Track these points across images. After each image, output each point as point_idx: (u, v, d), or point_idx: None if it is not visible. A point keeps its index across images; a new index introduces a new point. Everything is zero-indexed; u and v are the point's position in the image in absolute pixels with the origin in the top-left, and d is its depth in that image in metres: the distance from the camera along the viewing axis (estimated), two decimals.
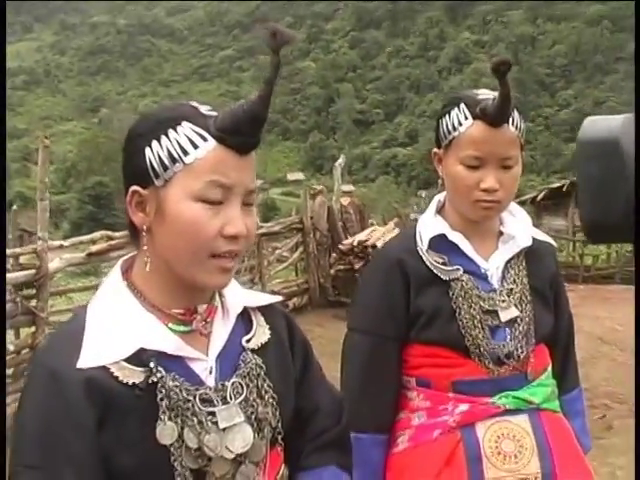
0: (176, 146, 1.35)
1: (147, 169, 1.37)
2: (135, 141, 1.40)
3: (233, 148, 1.36)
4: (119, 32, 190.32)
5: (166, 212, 1.36)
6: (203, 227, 1.36)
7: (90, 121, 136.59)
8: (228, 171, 1.36)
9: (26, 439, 1.34)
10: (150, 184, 1.37)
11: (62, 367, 1.34)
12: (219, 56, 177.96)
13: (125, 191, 1.41)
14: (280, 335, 1.62)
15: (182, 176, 1.35)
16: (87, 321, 1.41)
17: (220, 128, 1.36)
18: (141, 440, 1.36)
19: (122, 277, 1.48)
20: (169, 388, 1.38)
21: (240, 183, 1.38)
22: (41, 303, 7.14)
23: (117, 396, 1.36)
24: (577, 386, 2.42)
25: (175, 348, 1.42)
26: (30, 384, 1.38)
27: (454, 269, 2.13)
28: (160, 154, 1.36)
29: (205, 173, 1.35)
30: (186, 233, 1.36)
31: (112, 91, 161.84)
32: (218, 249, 1.38)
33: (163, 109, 1.44)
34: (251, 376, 1.49)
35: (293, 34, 1.38)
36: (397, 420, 2.22)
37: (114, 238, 8.41)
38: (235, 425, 1.43)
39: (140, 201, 1.39)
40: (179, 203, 1.36)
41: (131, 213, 1.41)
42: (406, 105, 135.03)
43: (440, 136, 2.15)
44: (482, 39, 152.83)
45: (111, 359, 1.36)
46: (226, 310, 1.54)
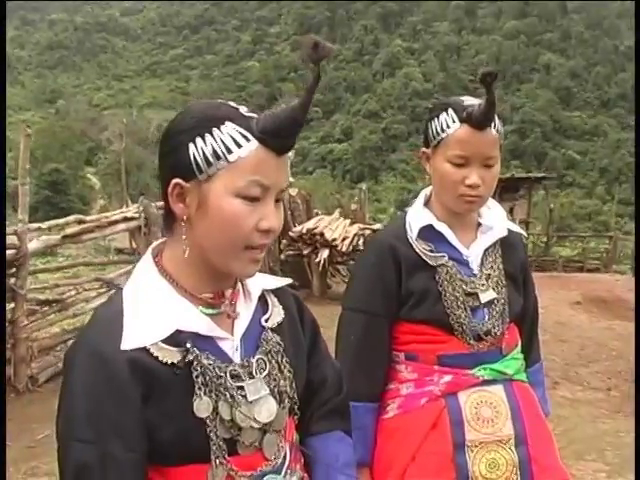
0: (220, 144, 1.35)
1: (190, 164, 1.37)
2: (177, 136, 1.40)
3: (273, 149, 1.37)
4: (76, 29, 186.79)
5: (208, 205, 1.37)
6: (242, 221, 1.37)
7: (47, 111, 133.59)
8: (267, 171, 1.37)
9: (77, 415, 1.35)
10: (192, 178, 1.37)
11: (107, 349, 1.35)
12: (170, 54, 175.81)
13: (163, 182, 1.42)
14: (292, 314, 1.66)
15: (225, 173, 1.36)
16: (124, 305, 1.42)
17: (262, 130, 1.36)
18: (180, 414, 1.39)
19: (154, 262, 1.49)
20: (204, 366, 1.41)
21: (277, 182, 1.40)
22: (20, 281, 7.07)
23: (158, 374, 1.38)
24: (539, 360, 2.52)
25: (207, 329, 1.44)
26: (76, 364, 1.37)
27: (440, 256, 2.21)
28: (204, 151, 1.36)
29: (247, 172, 1.36)
30: (226, 226, 1.37)
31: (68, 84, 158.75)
32: (253, 242, 1.40)
33: (205, 107, 1.42)
34: (272, 353, 1.53)
35: (332, 47, 1.36)
36: (387, 390, 2.29)
37: (86, 222, 8.35)
38: (261, 398, 1.47)
39: (181, 193, 1.39)
40: (221, 198, 1.36)
41: (172, 204, 1.41)
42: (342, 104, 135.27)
43: (429, 137, 2.21)
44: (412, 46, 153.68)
45: (150, 340, 1.38)
46: (247, 293, 1.56)
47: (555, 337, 9.13)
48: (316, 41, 1.34)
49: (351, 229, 13.02)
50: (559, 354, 8.65)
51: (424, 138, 2.26)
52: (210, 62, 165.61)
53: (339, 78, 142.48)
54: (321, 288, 12.74)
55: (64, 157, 74.20)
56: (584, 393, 7.50)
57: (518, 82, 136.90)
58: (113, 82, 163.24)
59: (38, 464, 5.64)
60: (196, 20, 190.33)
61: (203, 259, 1.43)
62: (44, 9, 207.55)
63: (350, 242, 12.42)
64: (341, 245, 12.22)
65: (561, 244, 33.59)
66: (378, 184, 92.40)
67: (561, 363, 8.37)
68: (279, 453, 1.52)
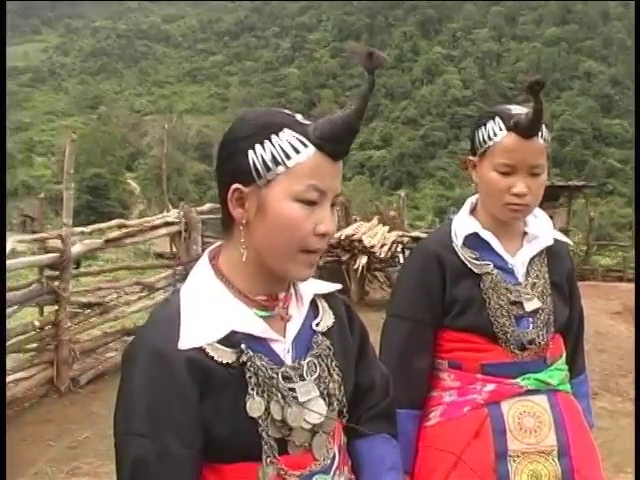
0: (279, 151, 1.39)
1: (250, 169, 1.41)
2: (237, 143, 1.43)
3: (329, 154, 1.41)
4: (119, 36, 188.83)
5: (267, 209, 1.41)
6: (300, 225, 1.40)
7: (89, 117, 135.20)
8: (324, 176, 1.41)
9: (135, 410, 1.38)
10: (251, 183, 1.41)
11: (165, 347, 1.39)
12: (209, 61, 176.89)
13: (222, 187, 1.46)
14: (342, 319, 1.67)
15: (284, 178, 1.40)
16: (182, 306, 1.46)
17: (319, 136, 1.39)
18: (233, 412, 1.42)
19: (210, 265, 1.53)
20: (257, 367, 1.44)
21: (333, 187, 1.44)
22: (64, 284, 7.15)
23: (213, 374, 1.41)
24: (584, 371, 2.51)
25: (261, 331, 1.47)
26: (136, 362, 1.41)
27: (485, 264, 2.21)
28: (264, 157, 1.40)
29: (305, 176, 1.39)
30: (284, 230, 1.40)
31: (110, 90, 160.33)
32: (310, 246, 1.43)
33: (262, 115, 1.47)
34: (322, 356, 1.55)
35: (386, 56, 1.39)
36: (430, 398, 2.29)
37: (128, 226, 8.45)
38: (311, 399, 1.49)
39: (240, 197, 1.43)
40: (280, 202, 1.40)
41: (231, 208, 1.45)
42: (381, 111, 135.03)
43: (476, 145, 2.21)
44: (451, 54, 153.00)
45: (207, 341, 1.42)
46: (299, 297, 1.59)
47: (594, 347, 9.02)
48: (371, 51, 1.36)
49: (389, 236, 12.99)
50: (598, 364, 8.55)
51: (470, 146, 2.26)
52: (249, 68, 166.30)
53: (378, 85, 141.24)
54: (359, 294, 12.73)
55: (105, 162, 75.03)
56: (624, 404, 7.39)
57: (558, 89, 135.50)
58: (154, 88, 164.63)
59: (79, 464, 5.70)
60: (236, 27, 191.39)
61: (259, 262, 1.46)
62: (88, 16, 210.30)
63: (388, 249, 12.40)
64: (379, 252, 12.19)
65: (601, 253, 33.21)
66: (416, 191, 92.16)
67: (600, 373, 8.27)
68: (328, 454, 1.54)
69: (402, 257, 12.93)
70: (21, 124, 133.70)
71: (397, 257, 12.89)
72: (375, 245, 12.21)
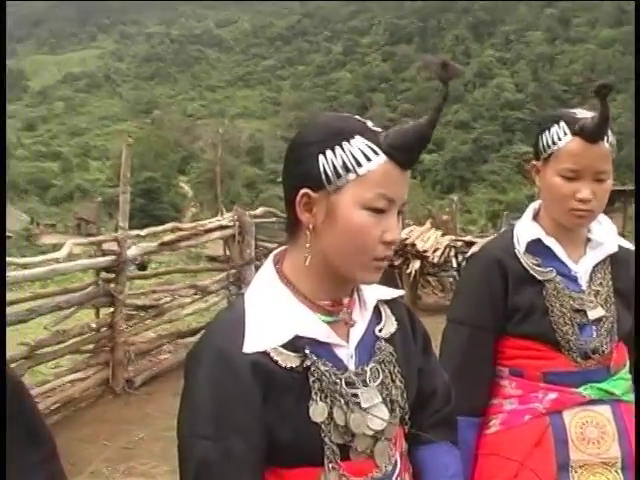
0: (350, 157, 1.38)
1: (320, 175, 1.40)
2: (307, 148, 1.42)
3: (399, 163, 1.39)
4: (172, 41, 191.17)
5: (336, 216, 1.40)
6: (368, 233, 1.39)
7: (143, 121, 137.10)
8: (393, 184, 1.40)
9: (200, 412, 1.39)
10: (321, 188, 1.40)
11: (230, 351, 1.39)
12: (262, 65, 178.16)
13: (290, 191, 1.45)
14: (404, 325, 1.66)
15: (354, 185, 1.39)
16: (246, 309, 1.46)
17: (391, 145, 1.38)
18: (296, 417, 1.41)
19: (275, 269, 1.52)
20: (321, 372, 1.43)
21: (401, 196, 1.43)
22: (120, 286, 7.24)
23: (277, 378, 1.40)
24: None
25: (325, 336, 1.46)
26: (201, 364, 1.42)
27: (548, 271, 2.16)
28: (334, 163, 1.39)
29: (375, 185, 1.38)
30: (353, 236, 1.40)
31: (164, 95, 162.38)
32: (377, 253, 1.42)
33: (334, 120, 1.46)
34: (385, 362, 1.53)
35: (461, 68, 1.39)
36: (490, 405, 2.25)
37: (183, 230, 8.53)
38: (374, 406, 1.48)
39: (308, 202, 1.42)
40: (349, 209, 1.39)
41: (299, 212, 1.43)
42: None
43: (539, 149, 2.16)
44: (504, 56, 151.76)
45: (271, 345, 1.41)
46: (363, 303, 1.58)
47: None
48: (445, 61, 1.35)
49: (443, 240, 12.91)
50: None
51: (534, 150, 2.21)
52: (301, 72, 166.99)
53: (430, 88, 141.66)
54: (412, 299, 12.66)
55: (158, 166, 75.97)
56: None
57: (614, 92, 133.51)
58: (206, 92, 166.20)
59: (134, 465, 5.75)
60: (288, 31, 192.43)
61: (324, 267, 1.46)
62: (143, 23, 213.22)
63: (441, 253, 12.32)
64: (432, 256, 12.13)
65: None
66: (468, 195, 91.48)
67: None
68: (390, 461, 1.53)
69: (455, 262, 12.84)
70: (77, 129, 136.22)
71: (450, 262, 12.80)
72: (428, 249, 12.15)
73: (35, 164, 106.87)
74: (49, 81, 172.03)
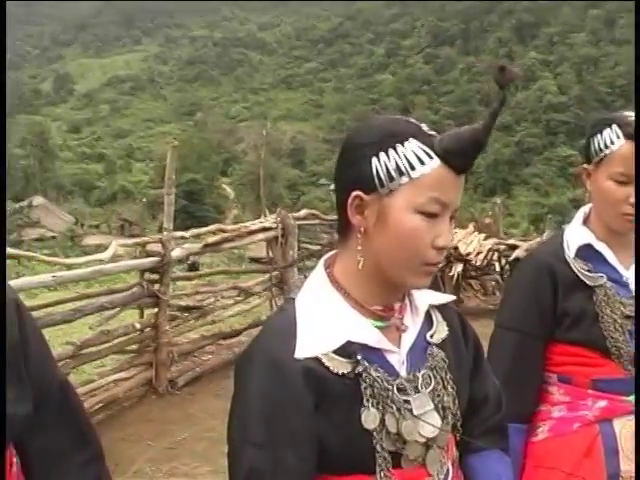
0: (404, 160, 1.37)
1: (372, 177, 1.38)
2: (360, 149, 1.41)
3: (453, 168, 1.38)
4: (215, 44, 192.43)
5: (388, 219, 1.38)
6: (420, 237, 1.38)
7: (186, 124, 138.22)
8: (447, 189, 1.38)
9: (251, 418, 1.38)
10: (373, 191, 1.39)
11: (282, 356, 1.38)
12: (304, 67, 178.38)
13: (341, 193, 1.44)
14: (456, 331, 1.64)
15: (407, 188, 1.37)
16: (298, 314, 1.44)
17: (445, 149, 1.37)
18: (348, 424, 1.40)
19: (326, 273, 1.51)
20: (373, 378, 1.41)
21: (454, 200, 1.41)
22: (164, 287, 7.28)
23: (329, 384, 1.39)
24: None
25: (377, 341, 1.45)
26: (252, 370, 1.41)
27: (599, 276, 2.13)
28: (388, 165, 1.37)
29: (428, 189, 1.37)
30: (405, 240, 1.38)
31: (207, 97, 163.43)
32: (428, 258, 1.40)
33: (388, 122, 1.44)
34: (437, 368, 1.51)
35: (519, 71, 1.37)
36: (538, 412, 2.22)
37: (227, 231, 8.57)
38: (426, 412, 1.46)
39: (360, 205, 1.41)
40: (402, 213, 1.37)
41: (350, 215, 1.42)
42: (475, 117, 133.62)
43: (591, 153, 2.13)
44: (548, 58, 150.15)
45: (323, 350, 1.40)
46: (414, 308, 1.56)
47: None
48: (503, 65, 1.34)
49: (486, 243, 12.81)
50: None
51: (585, 154, 2.18)
52: (344, 75, 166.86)
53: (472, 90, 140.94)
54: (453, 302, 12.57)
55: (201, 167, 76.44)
56: None
57: None
58: (249, 95, 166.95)
59: (177, 465, 5.78)
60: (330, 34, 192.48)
61: (376, 271, 1.44)
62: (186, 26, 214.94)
63: (484, 257, 12.24)
64: (475, 259, 12.05)
65: None
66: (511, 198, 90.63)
67: None
68: (442, 469, 1.51)
69: (498, 265, 12.74)
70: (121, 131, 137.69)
71: (493, 265, 12.70)
72: (471, 253, 12.06)
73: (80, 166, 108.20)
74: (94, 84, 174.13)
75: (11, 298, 1.39)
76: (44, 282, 6.11)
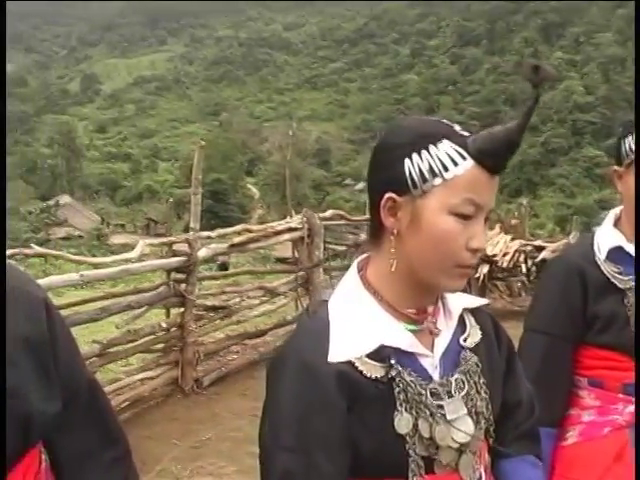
0: (437, 161, 1.36)
1: (405, 179, 1.37)
2: (393, 151, 1.40)
3: (487, 168, 1.36)
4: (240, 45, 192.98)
5: (421, 221, 1.37)
6: (454, 239, 1.36)
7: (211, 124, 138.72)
8: (481, 190, 1.37)
9: (284, 422, 1.37)
10: (406, 193, 1.38)
11: (315, 360, 1.37)
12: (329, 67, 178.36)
13: (374, 195, 1.43)
14: (489, 335, 1.62)
15: (440, 190, 1.36)
16: (330, 318, 1.43)
17: (479, 149, 1.35)
18: (380, 428, 1.38)
19: (359, 276, 1.50)
20: (406, 382, 1.40)
21: (488, 202, 1.39)
22: (190, 287, 7.29)
23: (362, 388, 1.38)
24: None
25: (410, 345, 1.43)
26: (284, 374, 1.40)
27: (630, 279, 2.09)
28: (421, 167, 1.36)
29: (462, 190, 1.35)
30: (438, 242, 1.37)
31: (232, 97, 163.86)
32: (462, 260, 1.38)
33: (420, 123, 1.43)
34: (470, 373, 1.50)
35: (553, 71, 1.37)
36: (568, 416, 2.19)
37: (253, 231, 8.58)
38: (459, 417, 1.44)
39: (393, 207, 1.40)
40: (435, 214, 1.36)
41: (383, 217, 1.41)
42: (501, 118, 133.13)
43: (621, 155, 2.10)
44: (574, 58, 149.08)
45: (356, 354, 1.38)
46: (448, 311, 1.54)
47: None
48: (537, 64, 1.34)
49: (512, 245, 12.72)
50: None
51: (615, 155, 2.15)
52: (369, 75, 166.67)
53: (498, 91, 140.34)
54: None
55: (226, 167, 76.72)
56: None
57: None
58: (274, 95, 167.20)
59: (202, 464, 5.79)
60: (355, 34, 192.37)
61: (409, 274, 1.43)
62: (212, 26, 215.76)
63: (511, 258, 12.16)
64: (501, 261, 11.98)
65: None
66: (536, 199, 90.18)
67: None
68: (474, 475, 1.49)
69: (524, 266, 12.65)
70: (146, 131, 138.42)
71: (519, 266, 12.62)
72: (497, 254, 12.00)
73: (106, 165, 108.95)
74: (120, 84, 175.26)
75: (40, 297, 1.39)
76: (71, 281, 6.15)
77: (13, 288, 1.31)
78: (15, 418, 1.21)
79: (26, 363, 1.27)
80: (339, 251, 11.58)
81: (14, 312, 1.28)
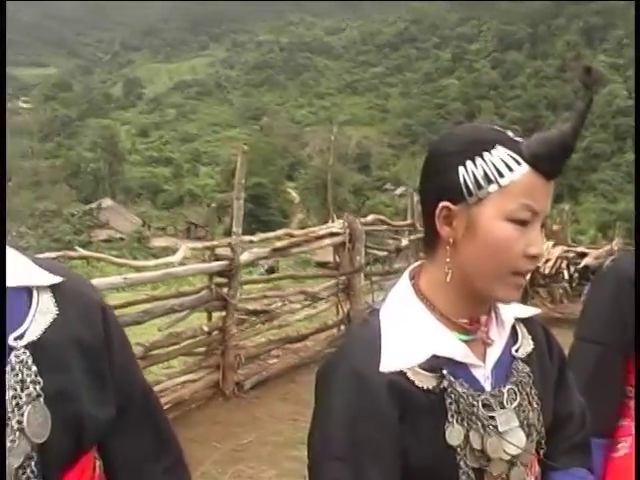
0: (492, 168, 1.35)
1: (460, 186, 1.36)
2: (446, 158, 1.39)
3: (543, 173, 1.35)
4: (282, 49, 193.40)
5: (477, 229, 1.36)
6: (511, 246, 1.35)
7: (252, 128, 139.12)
8: (537, 195, 1.35)
9: (333, 432, 1.36)
10: (461, 201, 1.37)
11: (366, 369, 1.36)
12: (370, 72, 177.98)
13: (428, 203, 1.42)
14: (541, 345, 1.60)
15: (496, 196, 1.35)
16: (382, 327, 1.42)
17: (534, 154, 1.34)
18: (431, 440, 1.37)
19: (410, 285, 1.49)
20: (458, 393, 1.39)
21: (545, 207, 1.38)
22: (232, 291, 7.33)
23: (413, 399, 1.36)
24: None
25: (462, 355, 1.42)
26: (335, 382, 1.39)
27: None
28: (475, 174, 1.35)
29: (518, 195, 1.34)
30: (496, 250, 1.35)
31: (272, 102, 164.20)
32: (520, 268, 1.37)
33: (473, 130, 1.43)
34: (523, 384, 1.49)
35: (604, 73, 1.36)
36: (619, 427, 2.16)
37: (295, 236, 8.60)
38: (511, 429, 1.43)
39: (448, 215, 1.38)
40: (492, 222, 1.35)
41: (438, 226, 1.40)
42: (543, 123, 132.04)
43: None
44: (617, 62, 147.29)
45: (408, 364, 1.37)
46: (500, 321, 1.53)
47: None
48: (589, 66, 1.33)
49: (554, 251, 12.63)
50: None
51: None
52: (409, 80, 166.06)
53: (539, 95, 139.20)
54: None
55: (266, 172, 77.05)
56: None
57: None
58: (314, 99, 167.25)
59: (243, 468, 5.82)
60: (396, 38, 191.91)
61: (464, 283, 1.41)
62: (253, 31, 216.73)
63: (553, 265, 12.06)
64: (543, 267, 11.89)
65: None
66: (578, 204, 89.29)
67: None
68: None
69: (567, 273, 12.54)
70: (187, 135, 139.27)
71: (562, 273, 12.50)
72: None
73: (147, 169, 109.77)
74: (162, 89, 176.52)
75: (95, 299, 1.38)
76: (115, 283, 6.22)
77: (68, 290, 1.31)
78: (67, 422, 1.21)
79: (79, 366, 1.27)
80: (380, 256, 11.57)
81: (69, 314, 1.28)
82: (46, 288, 1.27)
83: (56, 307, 1.26)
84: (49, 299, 1.26)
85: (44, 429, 1.16)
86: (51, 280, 1.27)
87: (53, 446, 1.19)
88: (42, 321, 1.23)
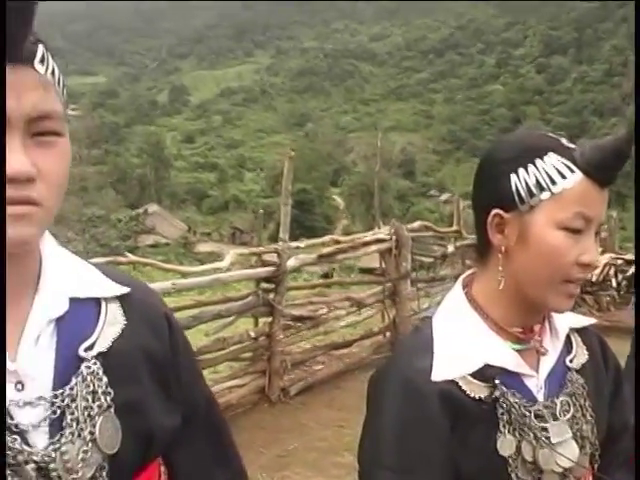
0: (544, 175, 1.33)
1: (512, 194, 1.35)
2: (498, 166, 1.38)
3: (597, 181, 1.33)
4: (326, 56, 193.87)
5: (529, 237, 1.35)
6: (564, 254, 1.33)
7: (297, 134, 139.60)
8: (591, 203, 1.33)
9: (384, 441, 1.35)
10: (513, 209, 1.35)
11: (418, 378, 1.35)
12: (414, 78, 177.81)
13: (480, 211, 1.41)
14: (596, 356, 1.58)
15: (548, 204, 1.33)
16: (434, 335, 1.41)
17: (588, 162, 1.32)
18: (483, 450, 1.36)
19: (463, 293, 1.47)
20: (510, 403, 1.37)
21: (599, 215, 1.36)
22: (279, 297, 7.34)
23: (465, 408, 1.36)
24: None
25: (515, 365, 1.41)
26: (387, 391, 1.38)
27: None
28: (527, 181, 1.34)
29: (572, 204, 1.32)
30: (548, 258, 1.34)
31: (317, 108, 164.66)
32: (572, 276, 1.35)
33: (525, 138, 1.41)
34: (577, 395, 1.46)
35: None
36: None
37: (341, 242, 8.60)
38: (564, 441, 1.41)
39: (500, 223, 1.37)
40: (544, 230, 1.33)
41: (490, 235, 1.39)
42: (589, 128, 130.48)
43: None
44: None
45: (460, 374, 1.36)
46: (554, 330, 1.51)
47: None
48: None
49: (602, 258, 12.42)
50: None
51: None
52: (454, 85, 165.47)
53: (586, 101, 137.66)
54: None
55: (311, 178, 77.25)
56: None
57: None
58: (359, 106, 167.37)
59: (289, 474, 5.82)
60: (441, 44, 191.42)
61: (517, 292, 1.39)
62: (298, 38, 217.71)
63: (600, 272, 11.88)
64: (591, 275, 11.69)
65: None
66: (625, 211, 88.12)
67: None
68: None
69: (615, 281, 12.35)
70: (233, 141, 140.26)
71: (609, 281, 12.32)
72: None
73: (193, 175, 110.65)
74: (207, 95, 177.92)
75: (162, 310, 1.36)
76: (164, 289, 6.25)
77: (135, 299, 1.29)
78: (137, 432, 1.22)
79: (148, 376, 1.27)
80: (425, 263, 11.51)
81: (136, 324, 1.28)
82: (114, 298, 1.26)
83: (124, 317, 1.26)
84: (117, 309, 1.26)
85: (115, 440, 1.17)
86: (119, 290, 1.27)
87: (123, 456, 1.19)
88: (111, 332, 1.23)
